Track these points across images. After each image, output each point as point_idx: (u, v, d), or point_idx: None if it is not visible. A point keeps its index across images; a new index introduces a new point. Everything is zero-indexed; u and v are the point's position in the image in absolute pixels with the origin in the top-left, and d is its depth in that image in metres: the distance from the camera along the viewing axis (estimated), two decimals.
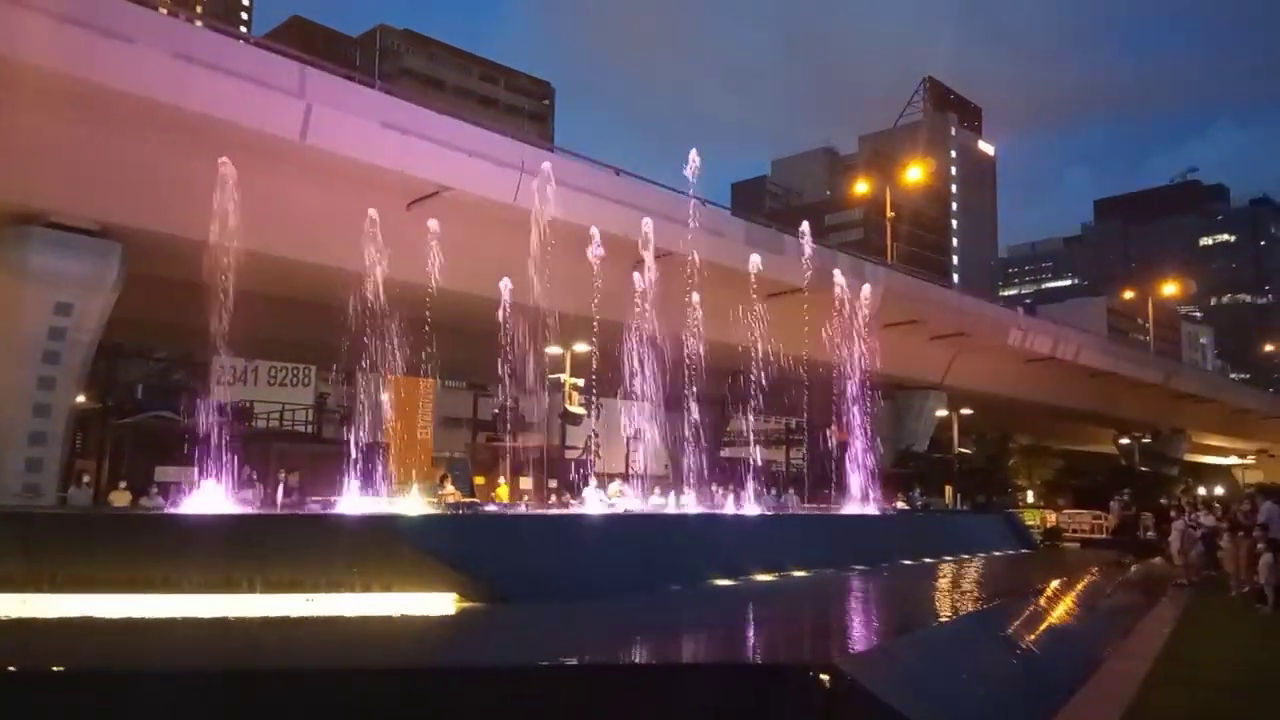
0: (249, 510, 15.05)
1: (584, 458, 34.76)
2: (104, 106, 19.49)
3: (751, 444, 25.24)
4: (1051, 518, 38.71)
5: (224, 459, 15.34)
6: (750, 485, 23.99)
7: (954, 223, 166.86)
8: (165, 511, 15.94)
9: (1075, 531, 37.46)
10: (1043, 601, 13.01)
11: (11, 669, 5.90)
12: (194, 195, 21.80)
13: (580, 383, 33.68)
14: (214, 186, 21.34)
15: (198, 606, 8.95)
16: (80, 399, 24.34)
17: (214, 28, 24.73)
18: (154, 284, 22.94)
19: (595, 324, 23.19)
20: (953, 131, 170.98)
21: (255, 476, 21.97)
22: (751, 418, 25.01)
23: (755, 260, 32.00)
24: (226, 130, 20.53)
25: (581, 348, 32.58)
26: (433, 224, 20.87)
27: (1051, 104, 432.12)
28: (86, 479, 24.41)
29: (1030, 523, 34.76)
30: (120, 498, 23.06)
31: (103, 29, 18.71)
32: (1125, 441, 65.02)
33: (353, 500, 16.44)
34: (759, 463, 24.69)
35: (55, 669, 5.90)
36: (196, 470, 15.57)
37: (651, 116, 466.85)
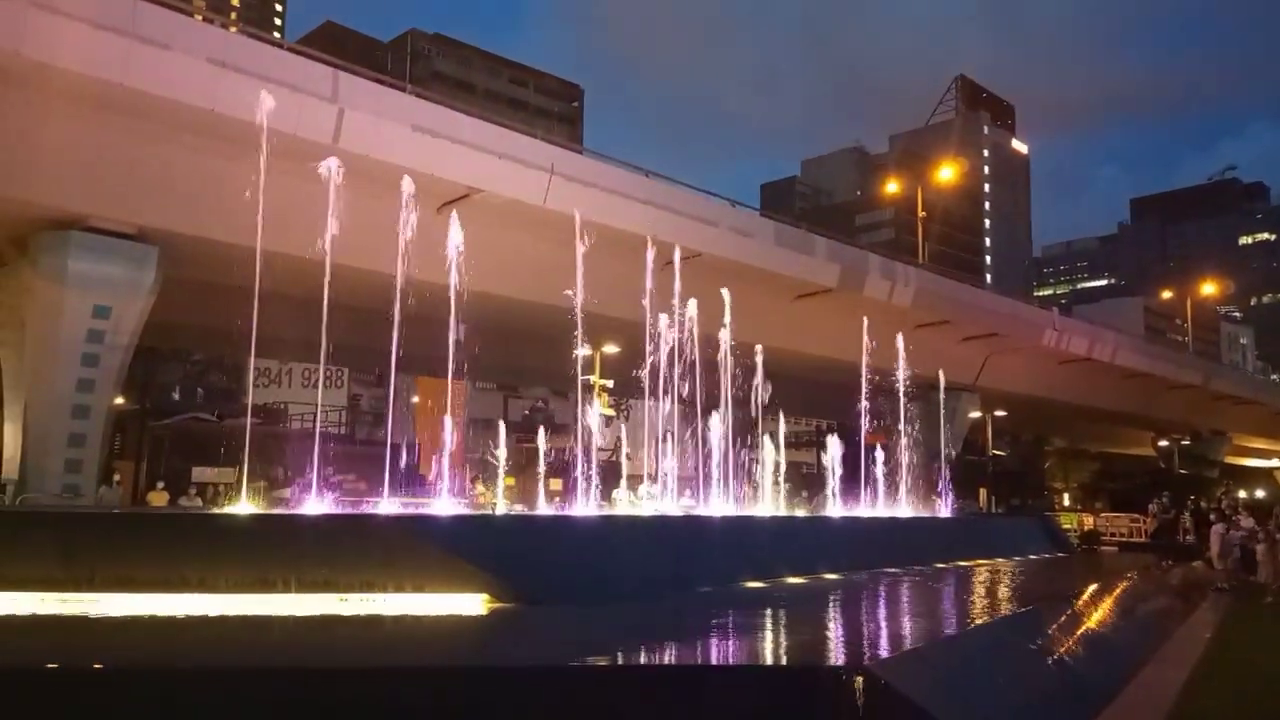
0: (283, 511, 15.21)
1: (612, 459, 34.79)
2: (141, 112, 19.80)
3: (782, 445, 25.14)
4: (1088, 521, 38.17)
5: (261, 460, 15.54)
6: (781, 487, 23.87)
7: (987, 222, 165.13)
8: (201, 511, 16.15)
9: (1113, 535, 36.92)
10: (1079, 606, 12.81)
11: (52, 666, 5.99)
12: (228, 199, 22.11)
13: (610, 384, 33.71)
14: (248, 190, 21.61)
15: (233, 606, 9.05)
16: (118, 401, 24.72)
17: (248, 34, 25.00)
18: (189, 287, 23.25)
19: (626, 325, 23.19)
20: (985, 130, 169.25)
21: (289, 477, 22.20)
22: (782, 418, 24.91)
23: (785, 261, 31.92)
24: (260, 134, 20.79)
25: (611, 349, 32.63)
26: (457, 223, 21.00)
27: (1086, 102, 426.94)
28: (117, 478, 24.80)
29: (1066, 526, 34.31)
30: (158, 498, 23.43)
31: (140, 36, 19.01)
32: (1164, 444, 64.00)
33: (385, 501, 16.55)
34: (790, 464, 24.55)
35: (95, 666, 5.99)
36: (234, 471, 15.77)
37: (681, 119, 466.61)
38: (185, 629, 8.29)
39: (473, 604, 9.74)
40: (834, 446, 24.81)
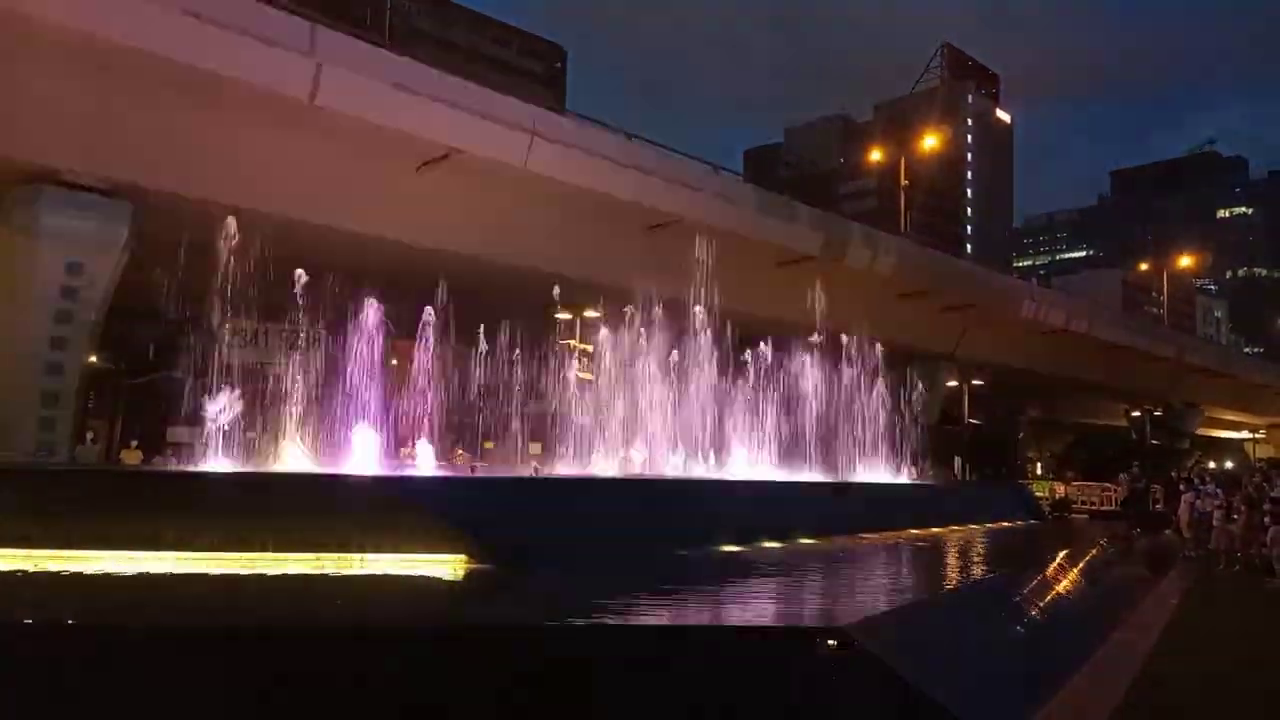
0: (259, 470, 15.13)
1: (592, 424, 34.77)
2: (115, 64, 19.38)
3: (759, 411, 25.24)
4: (1060, 489, 38.65)
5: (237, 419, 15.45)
6: (761, 453, 24.00)
7: (969, 192, 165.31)
8: (178, 470, 16.06)
9: (1084, 504, 37.44)
10: (1050, 572, 13.01)
11: (27, 622, 5.96)
12: (204, 155, 21.76)
13: (589, 349, 33.63)
14: (224, 147, 21.23)
15: (209, 565, 9.02)
16: (92, 359, 24.45)
17: None
18: (165, 245, 22.94)
19: (606, 289, 23.15)
20: (970, 99, 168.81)
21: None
22: (761, 385, 24.99)
23: (768, 228, 31.85)
24: (236, 89, 20.41)
25: (592, 314, 32.53)
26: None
27: (1070, 73, 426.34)
28: (91, 436, 24.60)
29: (1039, 494, 34.75)
30: (132, 456, 23.27)
31: None
32: (1136, 415, 64.75)
33: (363, 462, 16.49)
34: (769, 430, 24.66)
35: (68, 622, 5.96)
36: (207, 430, 15.68)
37: (664, 85, 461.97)
38: (160, 587, 8.26)
39: (451, 565, 9.76)
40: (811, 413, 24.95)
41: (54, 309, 20.96)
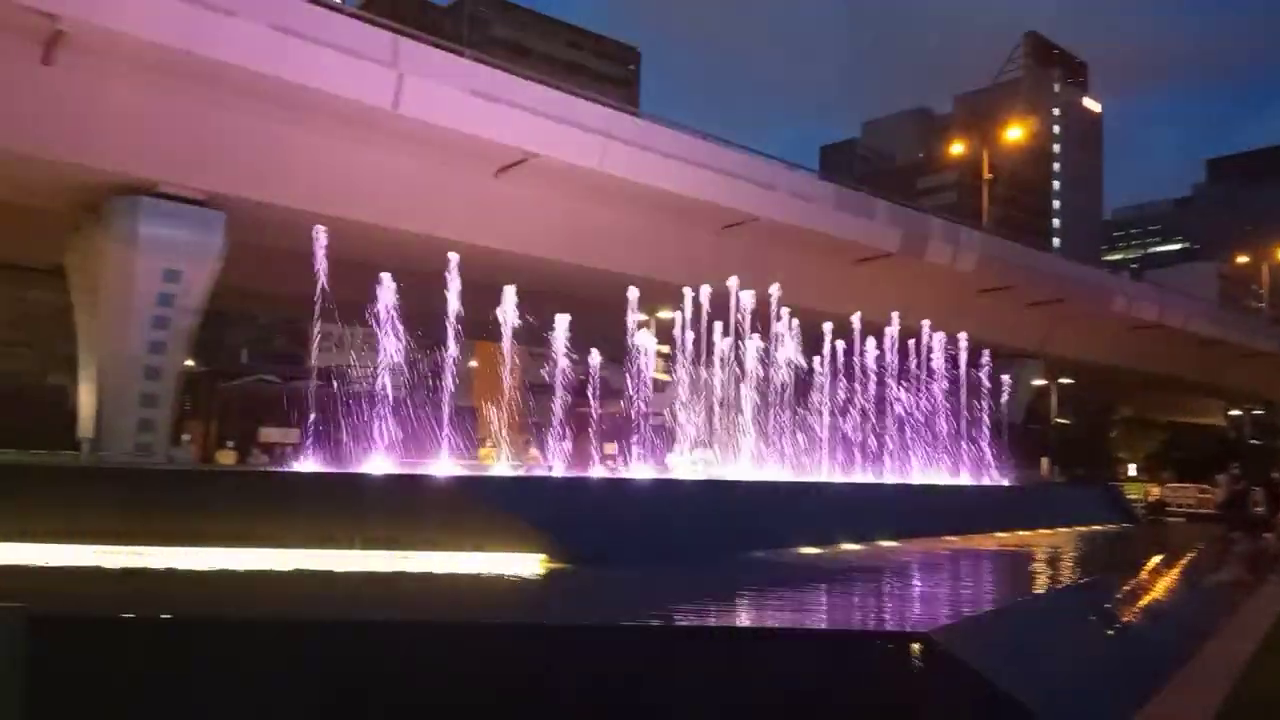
0: (347, 470, 15.54)
1: (667, 425, 34.78)
2: (207, 78, 20.14)
3: (839, 412, 24.90)
4: (1155, 491, 37.24)
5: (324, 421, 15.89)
6: (837, 454, 23.69)
7: (1056, 184, 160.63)
8: (269, 469, 16.59)
9: (1180, 506, 36.03)
10: (1144, 576, 12.57)
11: (128, 616, 6.23)
12: (292, 165, 22.46)
13: (665, 349, 33.65)
14: (310, 156, 21.84)
15: (301, 561, 9.30)
16: (188, 362, 25.44)
17: None
18: (255, 251, 23.73)
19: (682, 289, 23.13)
20: (1056, 88, 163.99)
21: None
22: (839, 385, 24.65)
23: (844, 225, 31.44)
24: (322, 100, 21.02)
25: (666, 315, 32.51)
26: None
27: (1161, 59, 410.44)
28: (188, 437, 25.60)
29: (1132, 496, 33.54)
30: (226, 457, 24.14)
31: (205, 2, 19.28)
32: (1235, 413, 62.09)
33: (444, 462, 16.78)
34: (846, 432, 24.32)
35: (164, 616, 6.21)
36: (299, 432, 16.15)
37: (737, 82, 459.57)
38: (253, 582, 8.55)
39: (530, 564, 9.88)
40: (892, 414, 24.52)
41: (152, 315, 21.88)
